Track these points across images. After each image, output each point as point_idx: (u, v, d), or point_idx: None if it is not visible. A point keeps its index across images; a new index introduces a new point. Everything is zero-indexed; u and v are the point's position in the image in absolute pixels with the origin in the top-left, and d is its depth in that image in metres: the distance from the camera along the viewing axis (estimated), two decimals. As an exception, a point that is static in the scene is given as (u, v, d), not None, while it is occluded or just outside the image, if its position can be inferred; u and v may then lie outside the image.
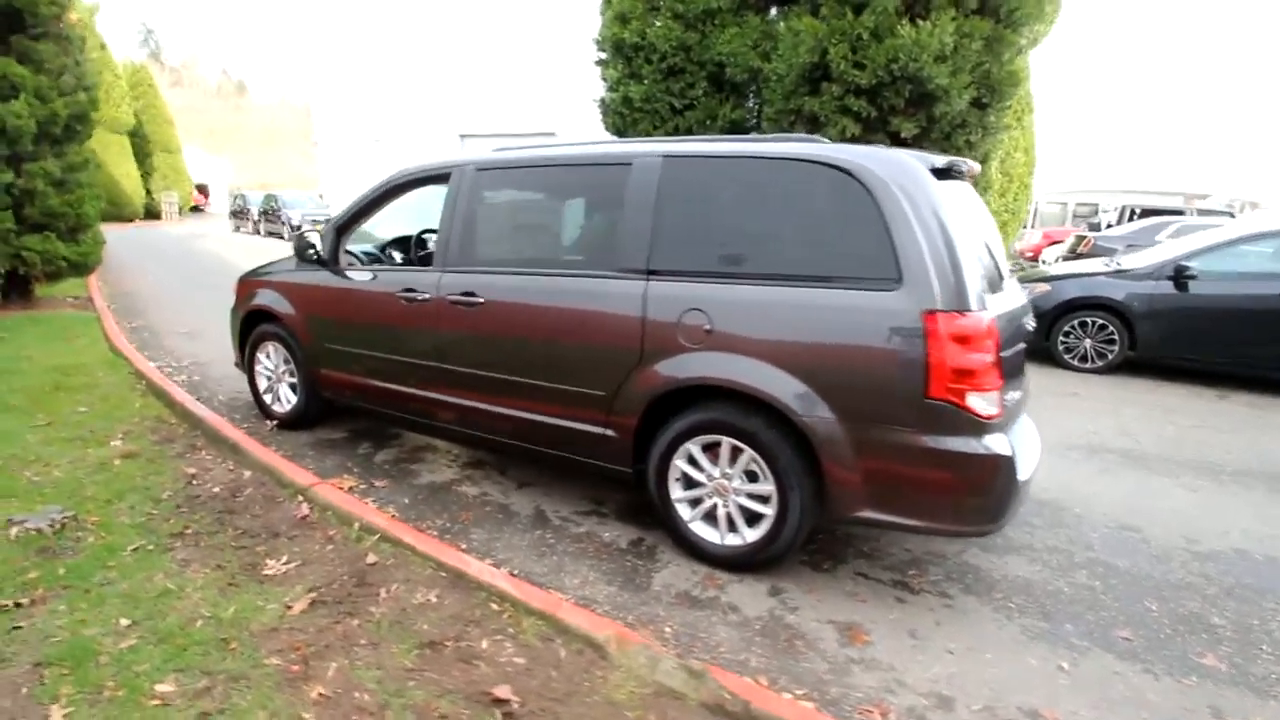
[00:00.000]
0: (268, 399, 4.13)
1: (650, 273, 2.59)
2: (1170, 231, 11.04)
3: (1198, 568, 2.79)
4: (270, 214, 21.19)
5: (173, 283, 10.12)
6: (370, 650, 1.99)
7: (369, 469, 3.52)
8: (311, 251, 3.54)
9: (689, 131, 11.10)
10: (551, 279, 2.82)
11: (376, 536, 2.63)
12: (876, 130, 9.36)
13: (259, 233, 21.74)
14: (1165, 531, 3.08)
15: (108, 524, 2.74)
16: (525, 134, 22.38)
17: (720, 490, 2.58)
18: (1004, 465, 2.16)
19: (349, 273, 3.59)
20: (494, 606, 2.21)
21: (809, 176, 2.37)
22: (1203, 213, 14.89)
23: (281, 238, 20.15)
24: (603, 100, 12.16)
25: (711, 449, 2.58)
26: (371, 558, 2.50)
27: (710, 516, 2.64)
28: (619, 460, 2.78)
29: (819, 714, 1.82)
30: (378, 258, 3.94)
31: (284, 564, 2.46)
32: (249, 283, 4.14)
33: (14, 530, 2.59)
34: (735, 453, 2.51)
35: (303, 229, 3.62)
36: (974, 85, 8.36)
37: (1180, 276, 5.61)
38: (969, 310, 2.12)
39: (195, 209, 34.69)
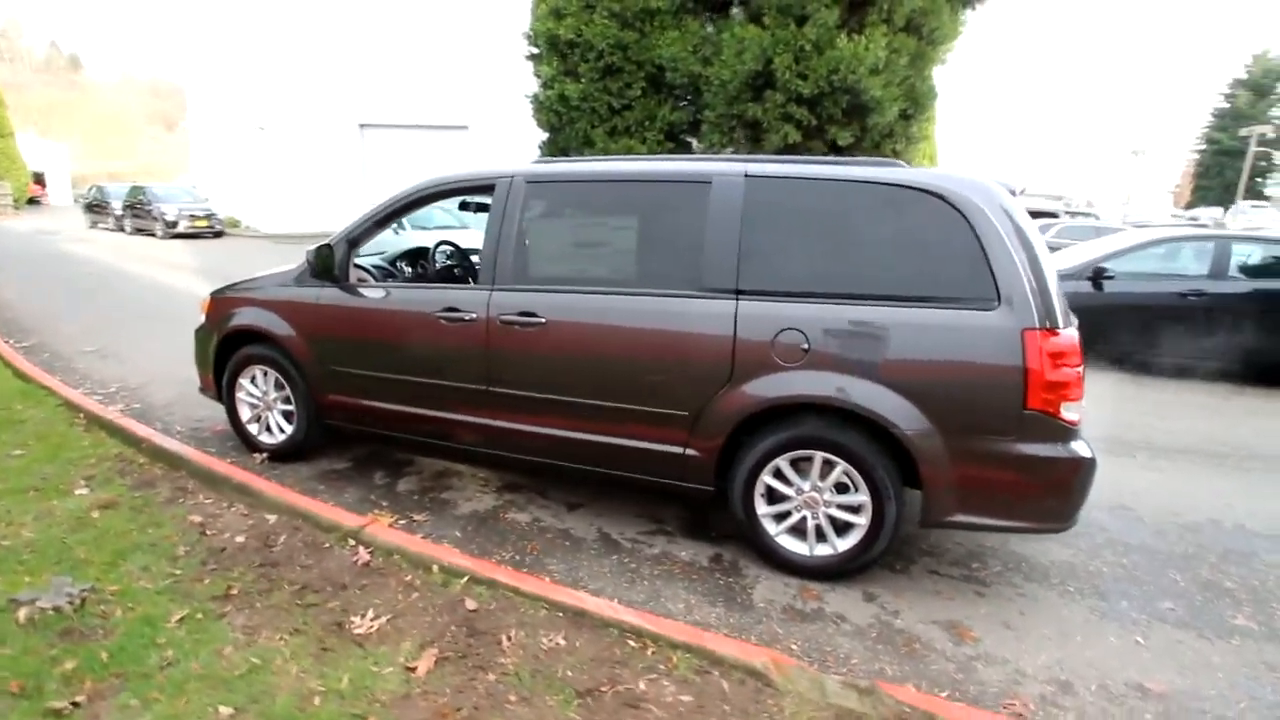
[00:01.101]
0: (253, 429, 3.71)
1: (739, 292, 2.59)
2: (1054, 233, 12.42)
3: (1191, 539, 3.20)
4: (138, 208, 18.82)
5: (49, 292, 8.77)
6: (526, 707, 1.87)
7: (398, 501, 3.27)
8: (335, 268, 3.21)
9: (627, 131, 11.10)
10: (626, 298, 2.75)
11: (465, 579, 2.45)
12: (815, 138, 9.84)
13: (124, 229, 19.27)
14: (1153, 509, 3.51)
15: (129, 592, 2.36)
16: (433, 126, 21.38)
17: (810, 503, 2.64)
18: (1085, 467, 2.37)
19: (364, 290, 3.29)
20: (632, 644, 2.14)
21: (902, 200, 2.47)
22: (1071, 214, 16.86)
23: (154, 235, 18.00)
24: (535, 97, 11.87)
25: (799, 463, 2.63)
26: (471, 603, 2.33)
27: (796, 529, 2.70)
28: (699, 479, 2.76)
29: (986, 714, 1.93)
30: (390, 273, 3.64)
31: (372, 619, 2.23)
32: (225, 300, 3.69)
33: (22, 612, 2.17)
34: (826, 466, 2.58)
35: (328, 242, 3.24)
36: (902, 98, 9.02)
37: (1098, 277, 6.35)
38: (1059, 328, 2.31)
39: (33, 201, 30.17)
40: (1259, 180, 38.51)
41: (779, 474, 2.66)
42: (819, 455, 2.57)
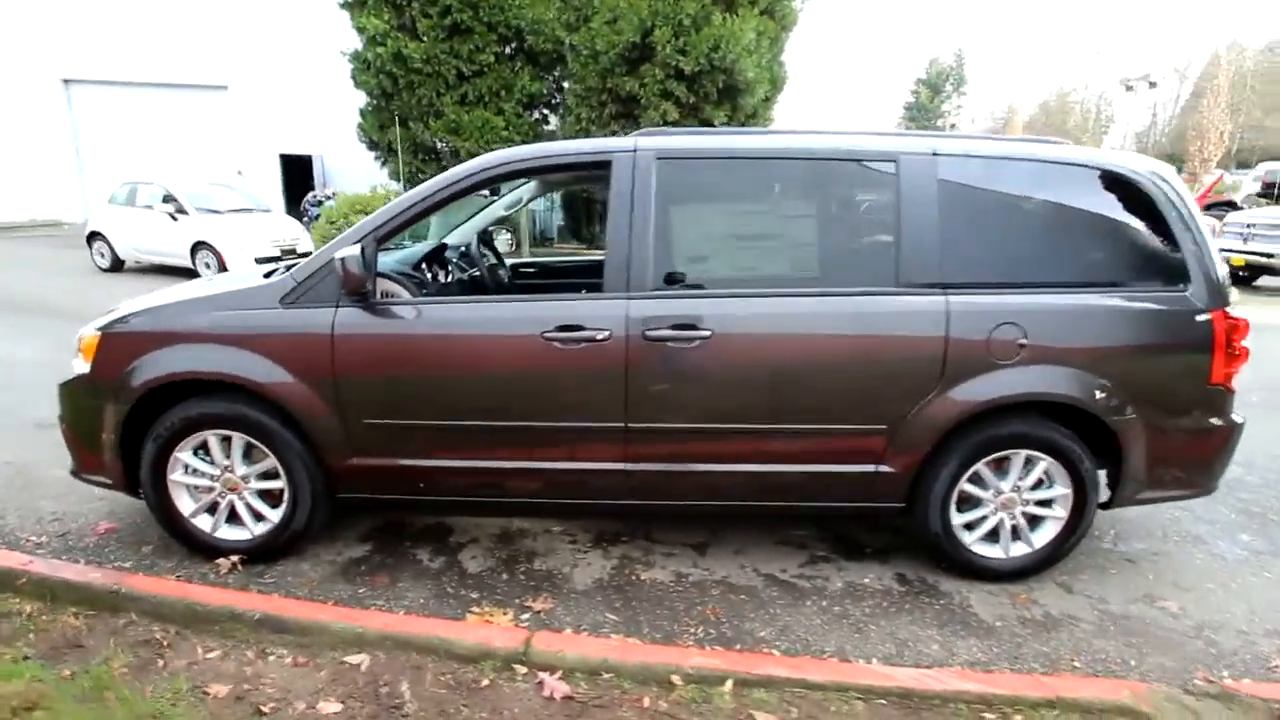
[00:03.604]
0: (202, 523, 2.51)
1: (946, 286, 2.31)
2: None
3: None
4: None
5: None
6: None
7: (488, 589, 2.44)
8: (365, 281, 2.19)
9: (480, 100, 9.87)
10: (811, 301, 2.30)
11: (728, 684, 1.86)
12: (690, 117, 9.72)
13: None
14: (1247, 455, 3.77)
15: None
16: (180, 85, 17.10)
17: (1008, 503, 2.51)
18: (1239, 431, 2.57)
19: (410, 311, 2.34)
20: (988, 716, 1.79)
21: (1093, 181, 2.39)
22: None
23: None
24: (357, 54, 9.98)
25: (995, 464, 2.48)
26: (763, 715, 1.77)
27: (989, 533, 2.56)
28: (889, 497, 2.47)
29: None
30: (420, 281, 2.65)
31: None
32: (135, 338, 2.40)
33: None
34: (1025, 463, 2.46)
35: (357, 243, 2.20)
36: (767, 80, 9.30)
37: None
38: (1230, 304, 2.43)
39: None
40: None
41: (975, 478, 2.48)
42: (1021, 453, 2.44)
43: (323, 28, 13.45)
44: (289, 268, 2.55)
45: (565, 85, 9.41)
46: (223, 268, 9.21)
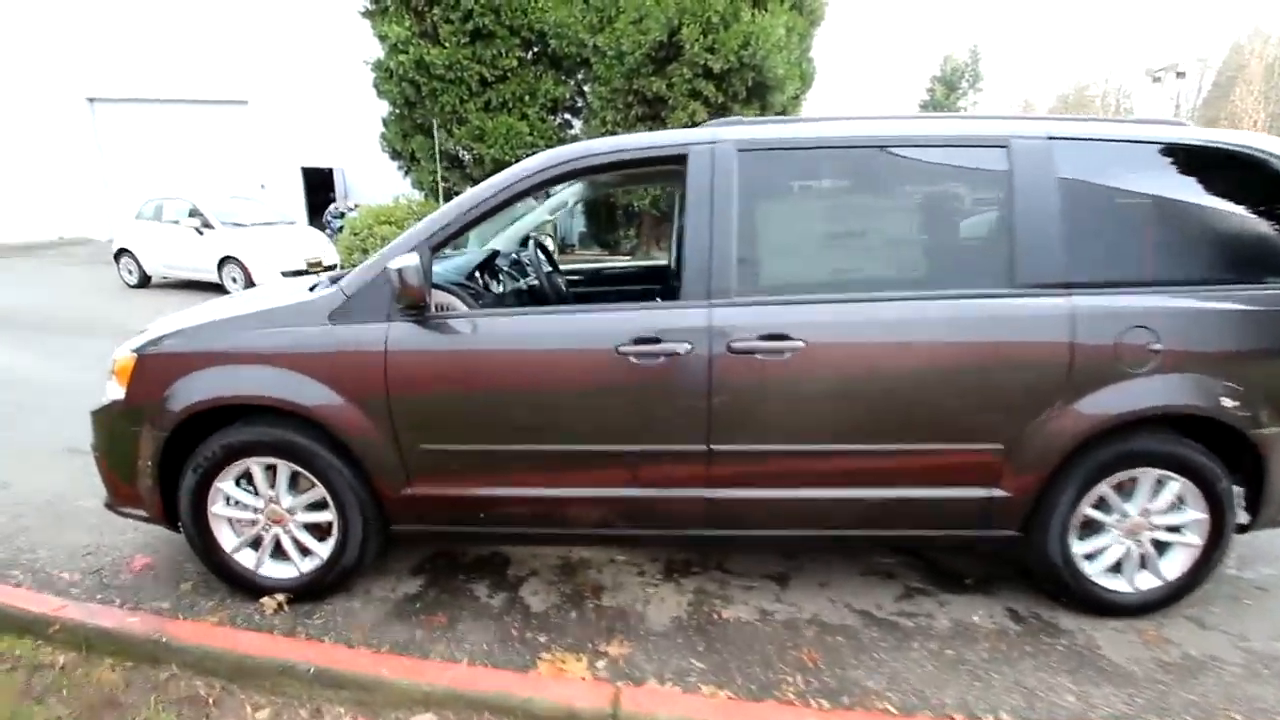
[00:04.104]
0: (246, 560, 2.32)
1: (1070, 286, 2.05)
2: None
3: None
4: None
5: None
6: None
7: (555, 629, 2.22)
8: (422, 293, 1.98)
9: (504, 106, 9.71)
10: (917, 305, 2.05)
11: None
12: (719, 116, 9.45)
13: None
14: None
15: None
16: (200, 100, 17.23)
17: (1134, 530, 2.23)
18: None
19: (468, 325, 2.13)
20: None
21: (1228, 166, 2.12)
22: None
23: None
24: (380, 63, 9.89)
25: (1120, 485, 2.21)
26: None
27: (1113, 564, 2.28)
28: (1003, 524, 2.21)
29: None
30: (475, 293, 2.45)
31: None
32: (173, 359, 2.22)
33: None
34: (1153, 483, 2.19)
35: (412, 252, 2.00)
36: (797, 77, 9.06)
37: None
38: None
39: None
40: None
41: (1097, 501, 2.21)
42: (1151, 473, 2.16)
43: (342, 38, 13.44)
44: (334, 279, 2.36)
45: (589, 88, 9.21)
46: (250, 282, 9.15)
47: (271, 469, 2.25)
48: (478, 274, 2.67)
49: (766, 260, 2.11)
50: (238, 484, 2.29)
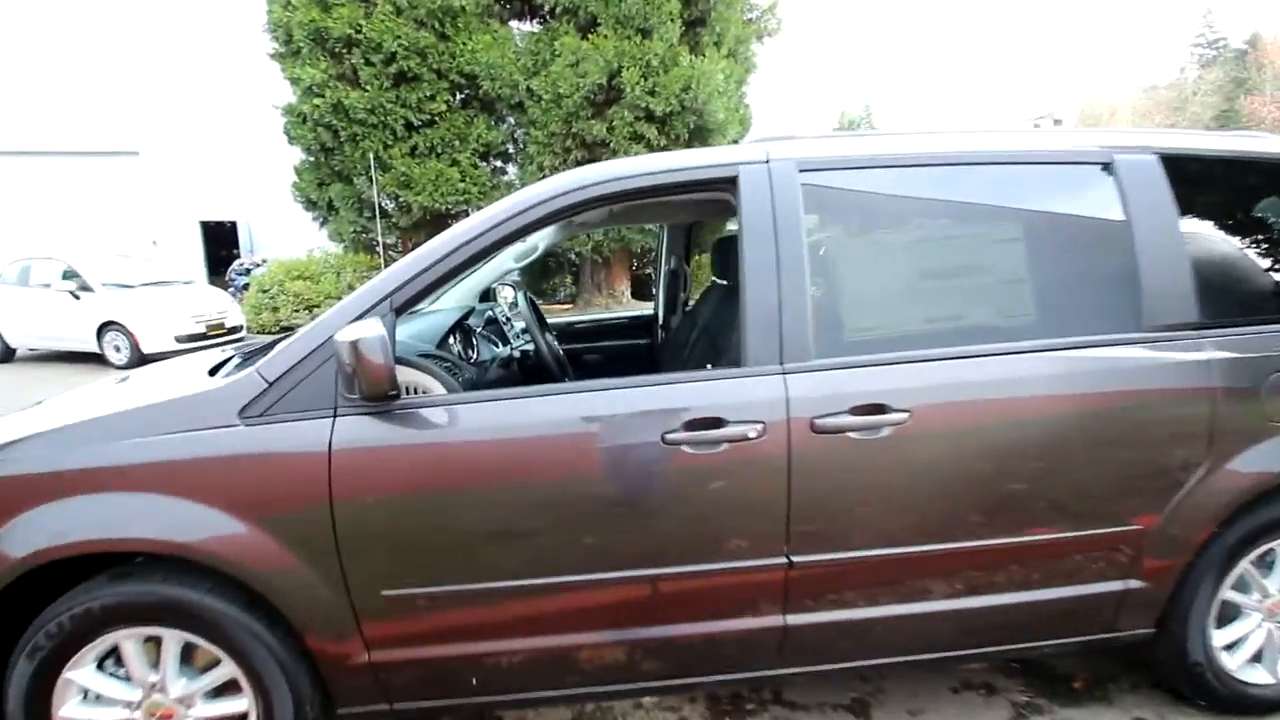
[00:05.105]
0: (110, 776, 1.54)
1: (1201, 326, 1.69)
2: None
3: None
4: None
5: None
6: None
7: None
8: (387, 374, 1.36)
9: (432, 151, 9.05)
10: (1036, 358, 1.62)
11: None
12: (661, 158, 9.21)
13: None
14: None
15: None
16: (80, 152, 15.55)
17: (1275, 609, 1.86)
18: None
19: (435, 414, 1.51)
20: None
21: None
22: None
23: None
24: (292, 108, 9.07)
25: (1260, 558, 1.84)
26: None
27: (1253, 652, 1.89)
28: (1137, 623, 1.78)
29: None
30: (452, 366, 1.82)
31: None
32: (8, 486, 1.47)
33: None
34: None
35: (366, 319, 1.37)
36: (737, 121, 9.01)
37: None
38: None
39: None
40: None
41: (1237, 581, 1.83)
42: (1295, 544, 1.80)
43: (245, 84, 12.53)
44: (247, 357, 1.70)
45: (523, 133, 8.80)
46: (136, 351, 7.94)
47: (154, 640, 1.52)
48: (452, 339, 2.06)
49: (849, 310, 1.64)
50: (101, 668, 1.53)
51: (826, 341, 1.58)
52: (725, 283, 2.82)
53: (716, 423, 1.50)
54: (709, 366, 1.87)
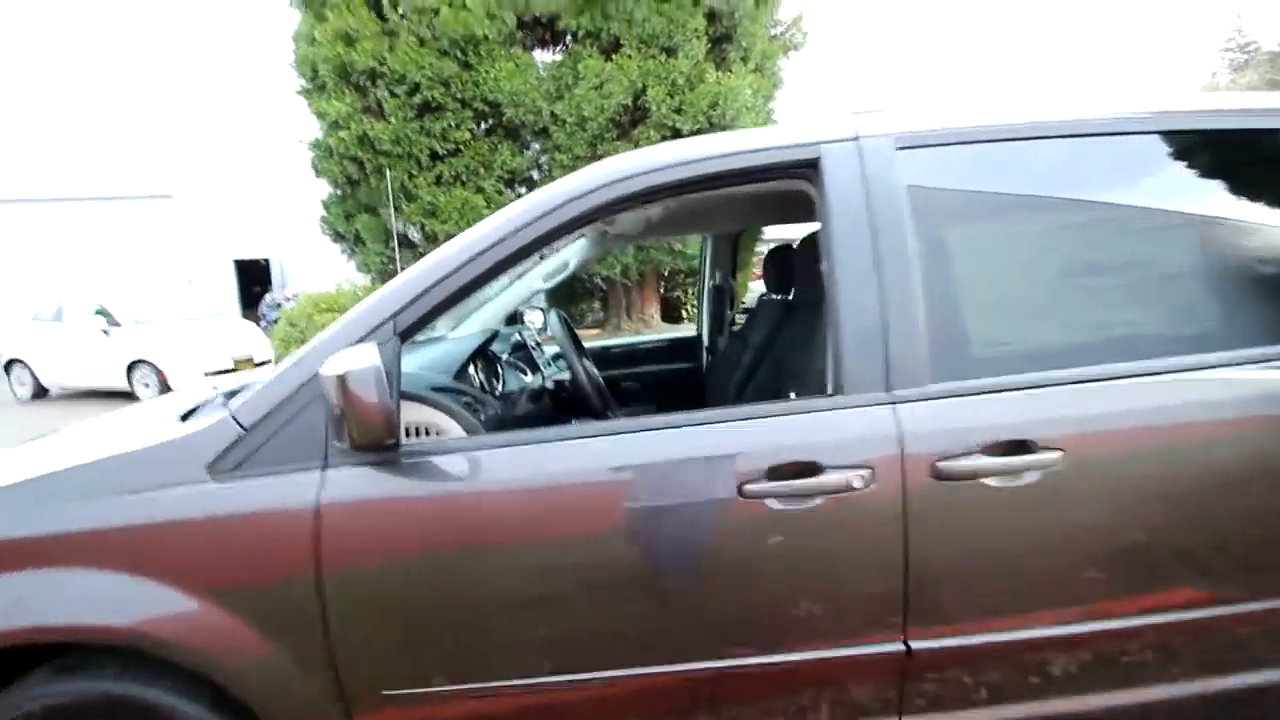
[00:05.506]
0: None
1: None
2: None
3: None
4: None
5: None
6: None
7: None
8: (387, 416, 1.06)
9: (457, 179, 8.99)
10: (1217, 377, 1.25)
11: None
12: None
13: None
14: None
15: None
16: (114, 197, 15.95)
17: None
18: None
19: (450, 463, 1.19)
20: None
21: None
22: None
23: None
24: (319, 143, 9.12)
25: None
26: None
27: None
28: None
29: None
30: (472, 402, 1.52)
31: None
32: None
33: None
34: None
35: (362, 349, 1.06)
36: (765, 137, 8.76)
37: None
38: None
39: None
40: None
41: None
42: None
43: (272, 123, 12.75)
44: (228, 396, 1.41)
45: (548, 158, 8.66)
46: (165, 387, 7.88)
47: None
48: (473, 368, 1.76)
49: (974, 322, 1.29)
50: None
51: (948, 360, 1.22)
52: (779, 297, 2.50)
53: (811, 469, 1.16)
54: (791, 396, 1.52)
